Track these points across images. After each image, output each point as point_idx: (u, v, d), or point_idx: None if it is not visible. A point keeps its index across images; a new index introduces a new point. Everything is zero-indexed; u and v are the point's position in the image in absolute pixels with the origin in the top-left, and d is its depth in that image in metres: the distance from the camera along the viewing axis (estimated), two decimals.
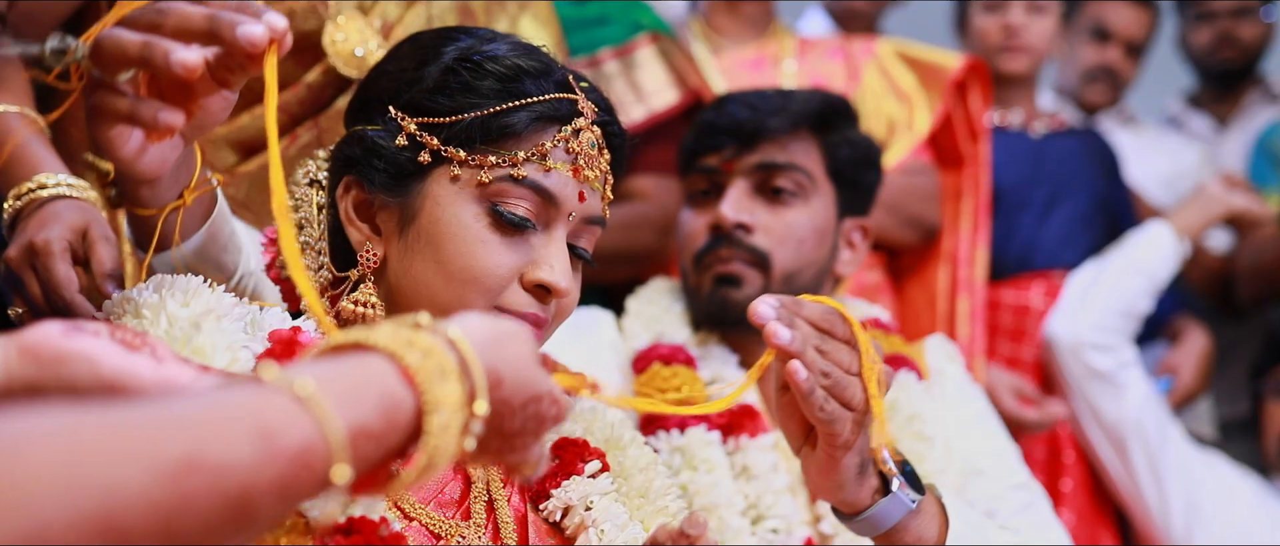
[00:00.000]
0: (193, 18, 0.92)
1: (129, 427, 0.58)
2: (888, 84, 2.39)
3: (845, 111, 1.71)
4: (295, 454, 0.63)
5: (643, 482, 1.20)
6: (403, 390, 0.71)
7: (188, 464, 0.58)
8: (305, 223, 1.19)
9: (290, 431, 0.64)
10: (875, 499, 1.15)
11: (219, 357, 1.01)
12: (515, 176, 1.10)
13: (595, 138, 1.15)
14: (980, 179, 2.41)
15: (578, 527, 1.16)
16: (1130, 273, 2.42)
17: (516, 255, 1.12)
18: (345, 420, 0.66)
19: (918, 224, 2.35)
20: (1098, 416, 2.41)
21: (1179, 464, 2.38)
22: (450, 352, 0.74)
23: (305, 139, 1.54)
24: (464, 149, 1.11)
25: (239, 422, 0.62)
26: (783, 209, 1.63)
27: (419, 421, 0.71)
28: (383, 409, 0.69)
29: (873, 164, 1.72)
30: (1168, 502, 2.37)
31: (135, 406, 0.60)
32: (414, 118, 1.13)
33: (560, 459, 1.18)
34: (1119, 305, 2.40)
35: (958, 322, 2.33)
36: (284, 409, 0.65)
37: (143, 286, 1.07)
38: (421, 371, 0.72)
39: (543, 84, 1.13)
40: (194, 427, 0.60)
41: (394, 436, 0.70)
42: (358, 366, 0.71)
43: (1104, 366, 2.39)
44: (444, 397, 0.72)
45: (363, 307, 1.13)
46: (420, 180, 1.13)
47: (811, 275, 1.64)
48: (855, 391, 1.08)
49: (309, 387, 0.66)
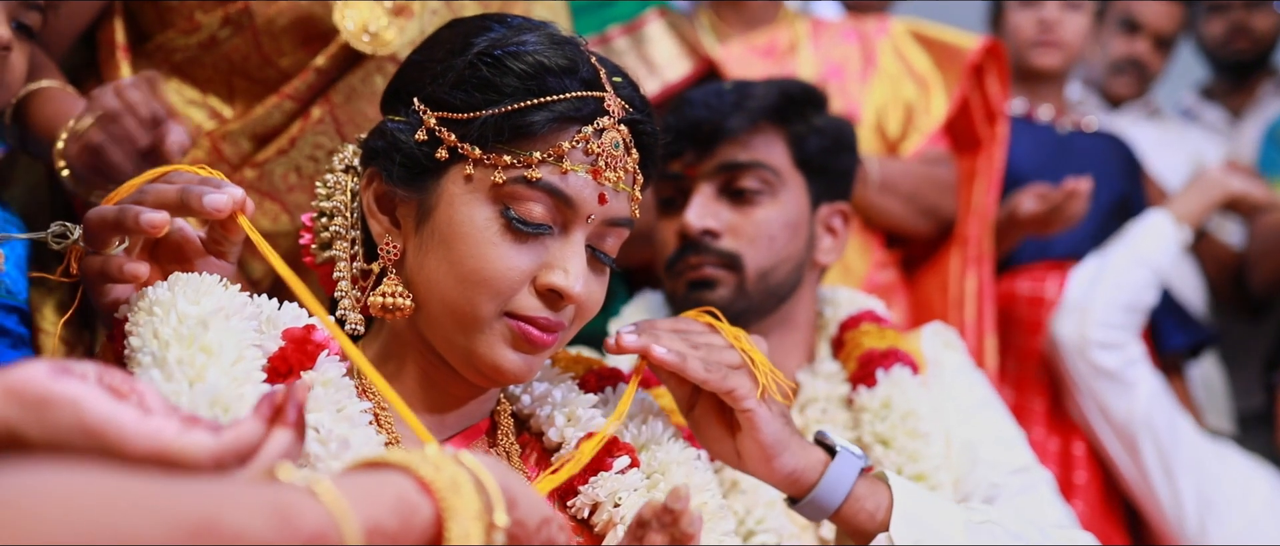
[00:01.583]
0: (166, 193, 1.06)
1: (151, 486, 0.59)
2: (903, 66, 2.35)
3: (808, 99, 1.66)
4: (310, 535, 0.65)
5: (682, 478, 1.18)
6: (419, 497, 0.75)
7: (206, 526, 0.59)
8: (338, 211, 1.17)
9: (306, 516, 0.66)
10: (825, 470, 1.23)
11: (227, 355, 0.99)
12: (529, 178, 1.07)
13: (621, 137, 1.12)
14: (995, 161, 2.37)
15: (606, 525, 1.14)
16: (1132, 266, 2.39)
17: (529, 258, 1.09)
18: (360, 515, 0.69)
19: (935, 214, 2.32)
20: (1107, 415, 2.38)
21: (1191, 459, 2.35)
22: (463, 469, 0.78)
23: (317, 115, 1.54)
24: (480, 147, 1.08)
25: (257, 499, 0.64)
26: (750, 208, 1.60)
27: (439, 530, 0.74)
28: (398, 511, 0.72)
29: (845, 147, 1.69)
30: (1181, 499, 2.34)
31: (156, 476, 0.62)
32: (435, 112, 1.11)
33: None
34: (1123, 300, 2.37)
35: (966, 301, 2.30)
36: (301, 498, 0.67)
37: (158, 284, 1.04)
38: (437, 481, 0.76)
39: (566, 82, 1.09)
40: (213, 496, 0.62)
41: (411, 539, 0.73)
42: (374, 476, 0.75)
43: (1111, 365, 2.36)
44: (461, 506, 0.75)
45: (391, 298, 1.12)
46: (437, 177, 1.10)
47: (788, 269, 1.62)
48: (729, 354, 1.23)
49: (324, 483, 0.70)
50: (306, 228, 1.20)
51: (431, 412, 1.17)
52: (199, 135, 1.53)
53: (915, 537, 1.23)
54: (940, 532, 1.24)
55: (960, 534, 1.25)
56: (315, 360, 1.05)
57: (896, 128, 2.31)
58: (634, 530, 0.99)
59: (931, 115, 2.31)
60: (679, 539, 0.97)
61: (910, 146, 2.29)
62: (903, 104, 2.32)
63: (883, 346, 1.58)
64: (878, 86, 2.30)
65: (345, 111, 1.53)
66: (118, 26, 1.55)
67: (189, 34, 1.53)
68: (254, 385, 0.99)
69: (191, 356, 0.97)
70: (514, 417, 1.23)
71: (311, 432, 0.99)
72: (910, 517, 1.24)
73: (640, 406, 1.24)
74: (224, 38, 1.52)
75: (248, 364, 1.00)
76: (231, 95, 1.57)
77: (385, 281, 1.13)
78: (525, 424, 1.23)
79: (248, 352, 1.01)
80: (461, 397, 1.17)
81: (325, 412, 1.02)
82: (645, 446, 1.20)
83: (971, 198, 2.38)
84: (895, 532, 1.23)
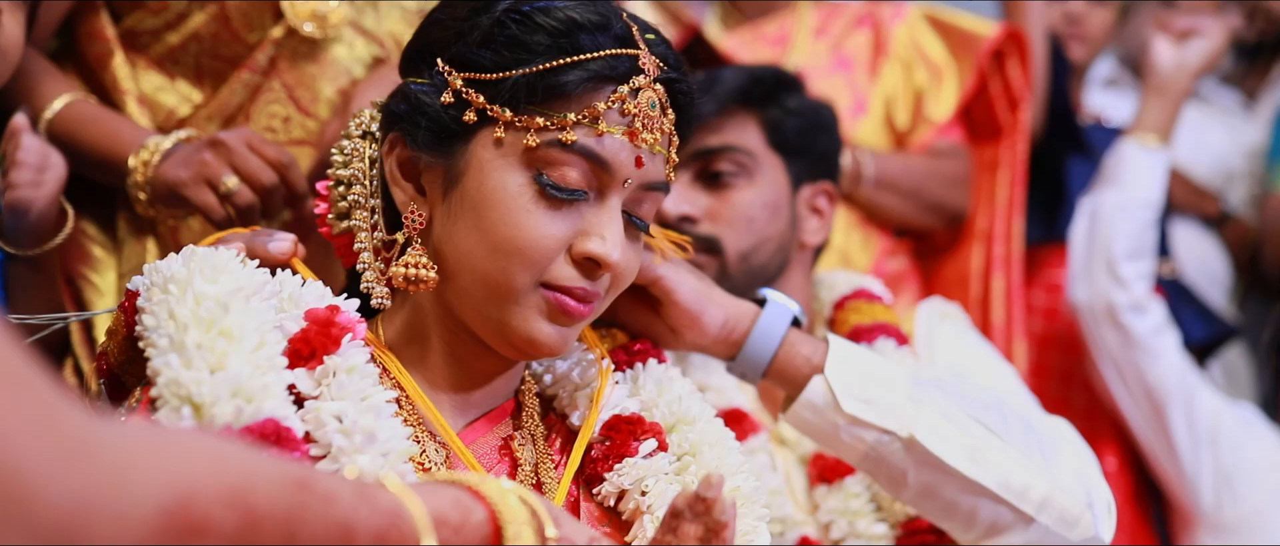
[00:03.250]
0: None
1: (257, 451, 0.72)
2: (917, 53, 2.30)
3: (779, 82, 1.68)
4: (387, 511, 0.74)
5: (714, 461, 1.13)
6: (472, 501, 0.83)
7: (305, 481, 0.69)
8: (356, 178, 1.12)
9: (381, 496, 0.75)
10: (756, 319, 1.25)
11: (248, 341, 0.94)
12: (564, 141, 1.02)
13: (657, 97, 1.07)
14: (1018, 150, 2.32)
15: (633, 513, 1.10)
16: (1123, 212, 2.31)
17: (565, 225, 1.04)
18: (426, 504, 0.78)
19: (941, 210, 2.26)
20: (1135, 381, 2.33)
21: (1211, 431, 2.31)
22: (506, 488, 0.85)
23: (268, 84, 1.55)
24: (510, 109, 1.03)
25: (341, 477, 0.78)
26: (727, 192, 1.61)
27: (495, 531, 0.82)
28: (458, 507, 0.81)
29: (824, 128, 1.70)
30: (1200, 471, 2.31)
31: None
32: (461, 73, 1.06)
33: (612, 440, 1.11)
34: (1127, 248, 2.30)
35: (992, 304, 2.25)
36: (372, 486, 0.77)
37: (172, 257, 1.00)
38: (484, 488, 0.83)
39: (599, 38, 1.04)
40: (307, 465, 0.74)
41: (470, 534, 0.81)
42: (427, 483, 0.85)
43: (1139, 330, 2.30)
44: (512, 512, 0.83)
45: (416, 269, 1.06)
46: (465, 141, 1.05)
47: (771, 250, 1.62)
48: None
49: (391, 477, 0.81)
50: (321, 196, 1.15)
51: (457, 391, 1.12)
52: (172, 123, 1.54)
53: (852, 377, 1.23)
54: (880, 378, 1.24)
55: (902, 385, 1.24)
56: (339, 344, 1.00)
57: (905, 119, 2.26)
58: (668, 521, 0.95)
59: (942, 104, 2.25)
60: (713, 528, 0.94)
61: (918, 137, 2.24)
62: (913, 91, 2.27)
63: (868, 321, 1.56)
64: (888, 74, 2.26)
65: (293, 76, 1.54)
66: (104, 18, 1.55)
67: (158, 14, 1.53)
68: (277, 372, 0.95)
69: (211, 341, 0.93)
70: (538, 398, 1.18)
71: (334, 422, 0.95)
72: (848, 359, 1.25)
73: (672, 383, 1.18)
74: (192, 15, 1.52)
75: (270, 349, 0.96)
76: (200, 78, 1.57)
77: (409, 252, 1.08)
78: (549, 403, 1.18)
79: (269, 337, 0.97)
80: (489, 373, 1.13)
81: (349, 401, 0.97)
82: (675, 426, 1.15)
83: (994, 189, 2.32)
84: (830, 371, 1.23)
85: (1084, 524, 1.26)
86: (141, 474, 0.59)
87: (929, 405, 1.25)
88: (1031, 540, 1.26)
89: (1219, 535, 2.31)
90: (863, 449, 1.24)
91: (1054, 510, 1.25)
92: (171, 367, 0.91)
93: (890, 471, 1.25)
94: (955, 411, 1.26)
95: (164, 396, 0.91)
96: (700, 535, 0.94)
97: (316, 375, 0.98)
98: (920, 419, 1.23)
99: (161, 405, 0.91)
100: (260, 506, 0.64)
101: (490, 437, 1.13)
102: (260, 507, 0.64)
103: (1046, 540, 1.26)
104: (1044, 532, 1.26)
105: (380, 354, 1.10)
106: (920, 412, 1.24)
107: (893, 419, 1.23)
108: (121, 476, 0.58)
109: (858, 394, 1.23)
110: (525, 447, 1.12)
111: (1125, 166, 2.34)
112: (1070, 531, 1.26)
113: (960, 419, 1.25)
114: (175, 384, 0.90)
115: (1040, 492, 1.25)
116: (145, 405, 0.95)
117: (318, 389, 0.97)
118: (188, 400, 0.90)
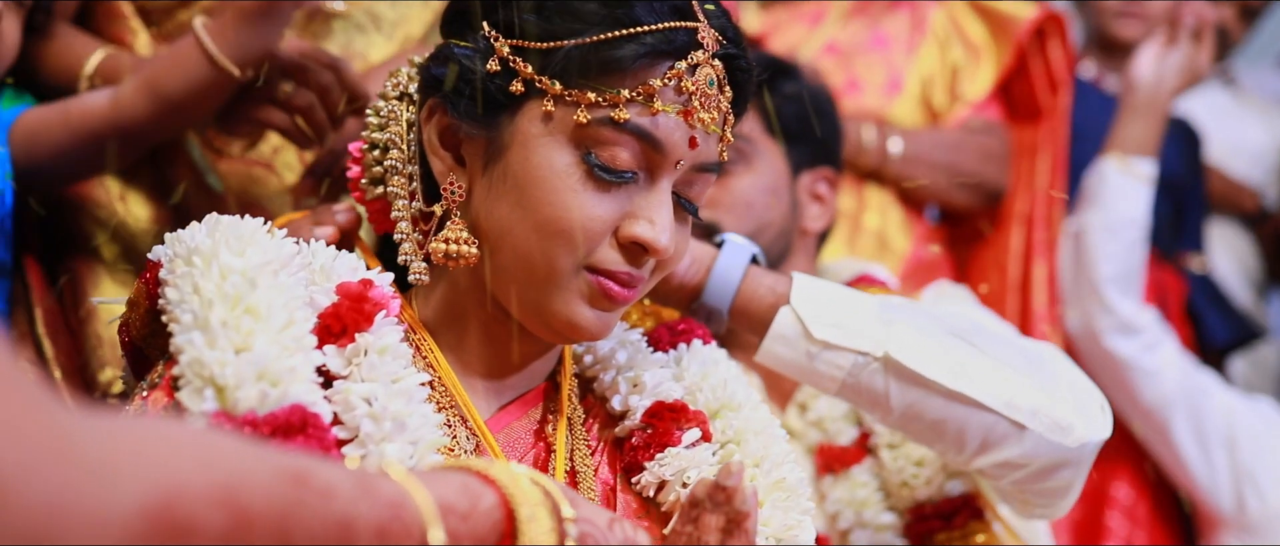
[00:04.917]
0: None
1: (256, 444, 0.68)
2: (956, 32, 2.26)
3: (775, 69, 1.63)
4: (389, 502, 0.72)
5: (758, 450, 1.07)
6: (481, 486, 0.80)
7: (301, 475, 0.66)
8: (393, 143, 1.06)
9: (383, 486, 0.73)
10: (714, 258, 1.21)
11: (276, 319, 0.90)
12: (616, 120, 0.96)
13: (715, 74, 1.00)
14: (1059, 132, 2.26)
15: (673, 505, 1.05)
16: (1107, 236, 2.23)
17: (613, 207, 0.99)
18: (431, 492, 0.75)
19: (979, 186, 2.21)
20: (1134, 402, 2.27)
21: (1225, 431, 2.25)
22: (515, 471, 0.82)
23: None
24: (560, 82, 0.97)
25: (343, 467, 0.74)
26: (724, 178, 1.57)
27: (507, 515, 0.79)
28: (466, 493, 0.78)
29: (822, 114, 1.68)
30: (1216, 473, 2.26)
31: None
32: (508, 40, 0.99)
33: (654, 428, 1.06)
34: (1111, 271, 2.23)
35: (1033, 289, 2.20)
36: (376, 475, 0.74)
37: (195, 226, 0.95)
38: (493, 468, 0.81)
39: (657, 9, 0.98)
40: (305, 457, 0.70)
41: (479, 520, 0.78)
42: (434, 470, 0.82)
43: (1127, 353, 2.24)
44: (525, 494, 0.80)
45: (456, 245, 1.01)
46: (511, 113, 1.00)
47: (772, 236, 1.60)
48: None
49: (393, 465, 0.80)
50: (355, 158, 1.09)
51: (492, 375, 1.07)
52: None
53: (820, 304, 1.19)
54: (849, 303, 1.20)
55: (873, 307, 1.20)
56: (372, 320, 0.95)
57: (942, 98, 2.22)
58: (687, 511, 0.92)
59: (978, 83, 2.21)
60: (733, 518, 0.91)
61: (953, 115, 2.20)
62: (949, 69, 2.23)
63: None
64: (926, 54, 2.22)
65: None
66: None
67: None
68: (305, 353, 0.90)
69: (237, 319, 0.89)
70: (577, 378, 1.13)
71: (364, 405, 0.91)
72: (813, 287, 1.20)
73: (717, 366, 1.13)
74: None
75: (298, 328, 0.91)
76: None
77: (448, 225, 1.02)
78: (588, 385, 1.13)
79: (298, 314, 0.92)
80: (526, 356, 1.08)
81: (379, 383, 0.93)
82: (719, 413, 1.10)
83: (1034, 173, 2.26)
84: (796, 300, 1.18)
85: (1077, 429, 1.21)
86: (123, 472, 0.57)
87: (903, 324, 1.20)
88: (1027, 450, 1.21)
89: (1245, 535, 2.27)
90: (840, 376, 1.19)
91: (1046, 417, 1.20)
92: (195, 346, 0.87)
93: (872, 395, 1.20)
94: (932, 327, 1.21)
95: (186, 376, 0.87)
96: (721, 525, 0.91)
97: (347, 353, 0.93)
98: (894, 336, 1.18)
99: (184, 385, 0.87)
100: (251, 504, 0.62)
101: (525, 422, 1.08)
102: (251, 506, 0.62)
103: (1042, 449, 1.21)
104: (1038, 441, 1.20)
105: (413, 332, 1.04)
106: (893, 331, 1.19)
107: (866, 340, 1.18)
108: (101, 475, 0.56)
109: (827, 319, 1.18)
110: (560, 432, 1.07)
111: (1106, 187, 2.26)
112: (1065, 437, 1.21)
113: (937, 334, 1.21)
114: (198, 364, 0.86)
115: (1029, 401, 1.20)
116: (167, 383, 0.91)
117: (347, 368, 0.93)
118: (211, 382, 0.86)
